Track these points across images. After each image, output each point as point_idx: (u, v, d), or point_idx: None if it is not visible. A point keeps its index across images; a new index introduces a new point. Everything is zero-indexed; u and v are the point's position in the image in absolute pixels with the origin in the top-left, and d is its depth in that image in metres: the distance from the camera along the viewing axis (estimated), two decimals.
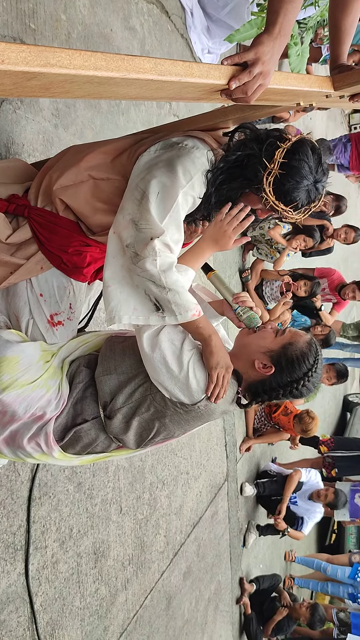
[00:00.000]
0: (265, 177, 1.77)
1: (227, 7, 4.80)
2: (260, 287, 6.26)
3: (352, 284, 6.73)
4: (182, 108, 4.62)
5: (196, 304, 1.78)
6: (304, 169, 1.77)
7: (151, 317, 1.79)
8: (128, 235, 1.78)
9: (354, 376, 14.39)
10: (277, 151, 1.77)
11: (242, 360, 1.91)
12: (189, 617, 4.61)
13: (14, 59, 1.03)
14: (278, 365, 1.85)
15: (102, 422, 1.87)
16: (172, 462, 4.37)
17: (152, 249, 1.72)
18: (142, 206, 1.78)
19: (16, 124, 2.75)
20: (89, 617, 3.17)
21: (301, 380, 1.84)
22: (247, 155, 1.82)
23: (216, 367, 1.78)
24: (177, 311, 1.75)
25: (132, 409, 1.84)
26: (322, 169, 1.82)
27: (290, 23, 1.59)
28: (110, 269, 1.81)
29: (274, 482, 6.48)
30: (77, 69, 1.13)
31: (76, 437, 1.88)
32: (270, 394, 1.89)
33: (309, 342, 1.88)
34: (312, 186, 1.81)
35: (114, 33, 3.61)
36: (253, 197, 1.87)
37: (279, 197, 1.80)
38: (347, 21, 1.89)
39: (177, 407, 1.80)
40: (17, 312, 2.05)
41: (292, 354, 1.85)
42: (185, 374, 1.75)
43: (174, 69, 1.31)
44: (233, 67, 1.49)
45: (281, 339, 1.88)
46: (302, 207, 1.83)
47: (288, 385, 1.85)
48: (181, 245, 1.85)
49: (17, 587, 2.65)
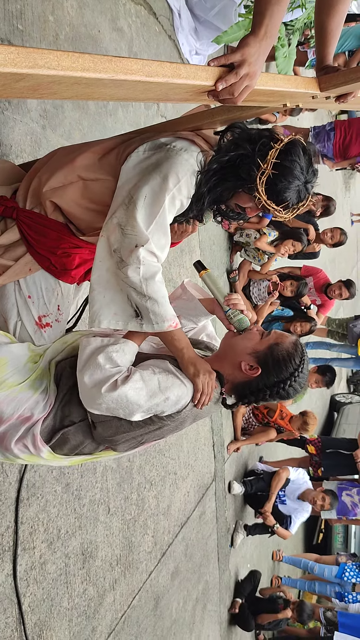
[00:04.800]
0: (258, 177, 1.79)
1: (214, 9, 4.81)
2: (247, 287, 6.28)
3: (339, 282, 6.77)
4: (169, 109, 4.63)
5: (174, 316, 1.81)
6: (296, 170, 1.79)
7: (130, 322, 1.82)
8: (115, 240, 1.80)
9: (341, 376, 14.45)
10: (270, 151, 1.78)
11: (228, 361, 1.92)
12: (176, 617, 4.62)
13: (2, 60, 1.03)
14: (264, 366, 1.86)
15: (89, 424, 1.87)
16: (160, 462, 4.38)
17: (137, 257, 1.74)
18: (128, 211, 1.79)
19: (4, 125, 2.75)
20: (77, 618, 3.17)
21: (288, 381, 1.85)
22: (240, 155, 1.83)
23: (198, 374, 1.80)
24: (154, 320, 1.78)
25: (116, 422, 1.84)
26: (312, 170, 1.85)
27: (276, 24, 1.60)
28: (97, 272, 1.83)
29: (261, 480, 6.52)
30: (65, 71, 1.14)
31: (63, 439, 1.88)
32: (257, 395, 1.90)
33: (294, 343, 1.89)
34: (303, 186, 1.83)
35: (101, 34, 3.61)
36: (244, 196, 1.89)
37: (271, 197, 1.81)
38: (333, 23, 1.90)
39: (163, 420, 1.81)
40: (5, 313, 2.05)
41: (279, 354, 1.86)
42: (161, 398, 1.76)
43: (161, 70, 1.32)
44: (220, 68, 1.49)
45: (267, 340, 1.89)
46: (291, 206, 1.85)
47: (275, 385, 1.86)
48: (168, 249, 1.86)
49: (4, 588, 2.64)
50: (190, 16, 4.90)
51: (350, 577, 6.56)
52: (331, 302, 6.94)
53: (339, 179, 14.15)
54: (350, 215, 15.82)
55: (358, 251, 19.15)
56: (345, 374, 15.55)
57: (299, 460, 7.06)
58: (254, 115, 1.94)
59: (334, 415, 12.49)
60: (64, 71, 1.13)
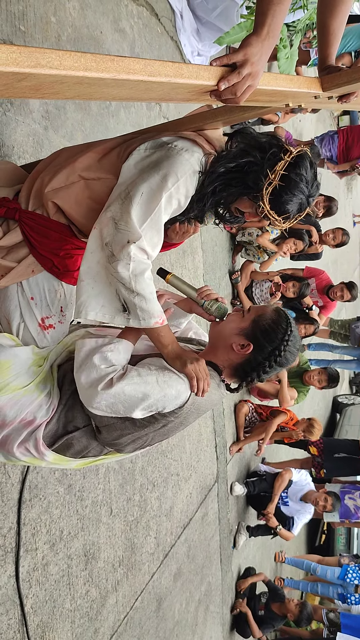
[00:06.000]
0: (265, 187, 1.79)
1: (216, 10, 4.82)
2: (250, 288, 6.28)
3: (341, 284, 6.78)
4: (172, 110, 4.63)
5: (161, 313, 1.81)
6: (302, 183, 1.80)
7: (117, 316, 1.83)
8: (107, 234, 1.80)
9: (344, 377, 14.44)
10: (279, 163, 1.78)
11: (220, 348, 1.94)
12: (179, 618, 4.61)
13: (4, 59, 1.03)
14: (255, 340, 1.87)
15: (93, 430, 1.87)
16: (163, 463, 4.37)
17: (127, 254, 1.75)
18: (123, 207, 1.79)
19: (6, 126, 2.75)
20: (79, 619, 3.17)
21: (281, 346, 1.87)
22: (248, 163, 1.83)
23: (185, 364, 1.81)
24: (141, 316, 1.79)
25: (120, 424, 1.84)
26: (316, 184, 1.86)
27: (278, 24, 1.59)
28: (86, 264, 1.83)
29: (264, 481, 6.51)
30: (68, 70, 1.14)
31: (67, 444, 1.87)
32: (258, 370, 1.90)
33: (275, 310, 1.92)
34: (305, 200, 1.84)
35: (103, 35, 3.61)
36: (247, 202, 1.89)
37: (274, 207, 1.82)
38: (335, 23, 1.90)
39: (166, 417, 1.81)
40: (8, 315, 2.05)
41: (264, 324, 1.88)
42: (160, 393, 1.76)
43: (163, 69, 1.32)
44: (222, 68, 1.49)
45: (249, 316, 1.92)
46: (292, 217, 1.87)
47: (271, 354, 1.87)
48: (160, 247, 1.86)
49: (7, 590, 2.64)
50: (192, 17, 4.91)
51: (352, 578, 6.54)
52: (333, 303, 6.95)
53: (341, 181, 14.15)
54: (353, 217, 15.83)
55: None
56: (348, 376, 15.55)
57: (302, 462, 7.06)
58: (256, 116, 1.94)
59: (336, 417, 12.49)
60: (66, 71, 1.13)
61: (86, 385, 1.75)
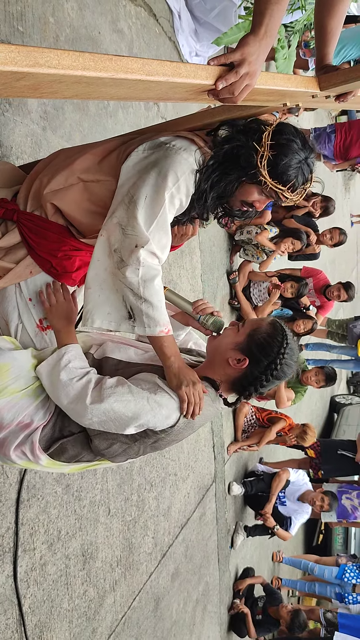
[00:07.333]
0: (259, 161, 1.79)
1: (214, 10, 4.82)
2: (247, 288, 6.28)
3: (338, 284, 6.78)
4: (170, 111, 4.63)
5: (168, 323, 1.81)
6: (293, 145, 1.80)
7: (122, 324, 1.83)
8: (115, 240, 1.79)
9: (341, 377, 14.46)
10: (263, 134, 1.80)
11: (217, 363, 1.93)
12: (177, 618, 4.61)
13: (3, 59, 1.04)
14: (251, 355, 1.86)
15: (87, 436, 1.87)
16: (160, 463, 4.38)
17: (137, 258, 1.74)
18: (129, 211, 1.79)
19: (4, 126, 2.75)
20: (77, 619, 3.17)
21: (277, 359, 1.85)
22: (235, 147, 1.84)
23: (180, 386, 1.80)
24: (147, 323, 1.78)
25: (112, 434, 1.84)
26: (308, 145, 1.86)
27: (276, 24, 1.60)
28: (93, 271, 1.83)
29: (261, 480, 6.52)
30: (66, 69, 1.14)
31: (62, 449, 1.87)
32: (255, 384, 1.89)
33: (271, 323, 1.91)
34: (304, 162, 1.83)
35: (102, 36, 3.61)
36: (249, 188, 1.89)
37: (275, 177, 1.81)
38: (333, 23, 1.91)
39: (157, 434, 1.81)
40: (6, 316, 2.05)
41: (259, 338, 1.87)
42: (150, 413, 1.76)
43: (161, 69, 1.32)
44: (220, 67, 1.50)
45: (244, 330, 1.91)
46: (297, 186, 1.86)
47: (267, 368, 1.86)
48: (169, 249, 1.86)
49: (5, 590, 2.64)
50: (190, 18, 4.91)
51: (350, 578, 6.55)
52: (330, 303, 6.95)
53: (339, 181, 14.16)
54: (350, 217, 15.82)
55: (358, 252, 19.17)
56: (345, 375, 15.56)
57: (299, 462, 7.06)
58: (253, 115, 1.94)
59: (333, 417, 12.50)
60: (64, 70, 1.14)
61: (71, 404, 1.76)
